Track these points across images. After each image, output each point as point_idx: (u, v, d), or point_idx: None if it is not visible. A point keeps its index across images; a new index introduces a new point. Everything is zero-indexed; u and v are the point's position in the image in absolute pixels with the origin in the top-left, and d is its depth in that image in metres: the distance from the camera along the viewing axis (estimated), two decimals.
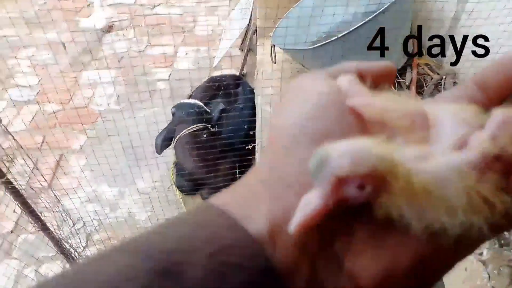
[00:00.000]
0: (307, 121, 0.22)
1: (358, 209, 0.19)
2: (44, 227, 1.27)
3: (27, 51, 1.22)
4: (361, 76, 0.24)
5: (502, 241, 0.93)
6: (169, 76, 2.44)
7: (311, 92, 0.23)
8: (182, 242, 0.18)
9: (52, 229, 1.29)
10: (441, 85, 1.40)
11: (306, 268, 0.19)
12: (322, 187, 0.18)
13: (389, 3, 1.23)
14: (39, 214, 1.28)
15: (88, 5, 2.77)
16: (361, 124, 0.22)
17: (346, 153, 0.18)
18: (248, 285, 0.18)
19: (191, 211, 0.21)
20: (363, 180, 0.18)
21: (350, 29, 1.22)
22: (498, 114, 0.20)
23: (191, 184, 1.70)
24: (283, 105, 0.23)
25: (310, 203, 0.18)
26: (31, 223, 1.25)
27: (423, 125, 0.22)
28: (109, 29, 2.49)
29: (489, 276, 0.92)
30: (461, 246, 0.20)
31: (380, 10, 1.23)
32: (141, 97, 1.92)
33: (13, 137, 1.29)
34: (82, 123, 1.58)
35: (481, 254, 0.95)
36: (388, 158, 0.18)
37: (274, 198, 0.20)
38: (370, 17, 1.22)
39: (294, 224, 0.18)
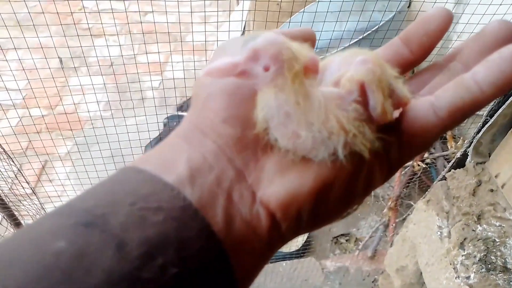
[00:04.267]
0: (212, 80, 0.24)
1: (267, 146, 0.23)
2: None
3: (15, 54, 1.20)
4: None
5: (489, 266, 0.93)
6: (159, 84, 2.42)
7: (230, 52, 0.25)
8: (102, 198, 0.20)
9: None
10: None
11: (223, 199, 0.21)
12: (240, 53, 0.22)
13: (382, 22, 1.25)
14: (21, 222, 1.25)
15: (80, 9, 2.75)
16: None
17: (267, 37, 0.21)
18: (169, 221, 0.19)
19: (111, 174, 0.22)
20: (270, 59, 0.21)
21: (343, 46, 1.23)
22: (360, 57, 0.23)
23: None
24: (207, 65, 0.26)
25: (224, 60, 0.22)
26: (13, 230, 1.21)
27: (313, 70, 0.24)
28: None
29: None
30: (356, 173, 0.23)
31: (374, 29, 1.24)
32: (130, 105, 1.89)
33: None
34: (69, 129, 1.55)
35: (468, 277, 0.95)
36: (294, 53, 0.21)
37: (192, 146, 0.23)
38: (363, 35, 1.23)
39: (205, 68, 0.22)
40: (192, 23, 1.25)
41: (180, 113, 1.80)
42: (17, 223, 1.18)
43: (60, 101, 2.22)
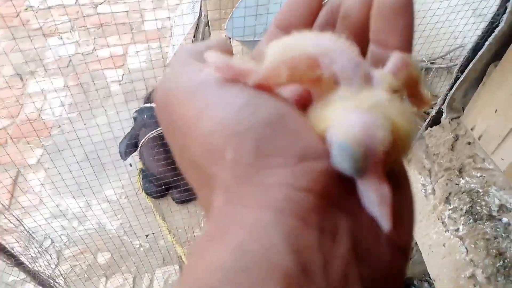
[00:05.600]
0: (239, 115, 0.18)
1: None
2: (8, 254, 1.19)
3: None
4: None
5: (476, 216, 0.96)
6: (122, 77, 2.35)
7: (215, 86, 0.19)
8: None
9: (18, 253, 1.22)
10: None
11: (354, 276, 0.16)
12: (369, 177, 0.17)
13: None
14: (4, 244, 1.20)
15: (26, 9, 2.61)
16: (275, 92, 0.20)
17: (370, 133, 0.17)
18: None
19: None
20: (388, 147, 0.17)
21: None
22: (396, 55, 0.21)
23: (159, 187, 1.66)
24: (195, 108, 0.19)
25: (382, 196, 0.18)
26: None
27: (313, 66, 0.20)
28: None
29: (467, 250, 0.95)
30: None
31: None
32: (95, 102, 1.83)
33: None
34: (36, 136, 1.49)
35: (457, 230, 0.98)
36: (391, 121, 0.18)
37: (275, 209, 0.16)
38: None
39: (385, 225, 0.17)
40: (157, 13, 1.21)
41: (147, 105, 1.75)
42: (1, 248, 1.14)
43: (21, 109, 2.13)
